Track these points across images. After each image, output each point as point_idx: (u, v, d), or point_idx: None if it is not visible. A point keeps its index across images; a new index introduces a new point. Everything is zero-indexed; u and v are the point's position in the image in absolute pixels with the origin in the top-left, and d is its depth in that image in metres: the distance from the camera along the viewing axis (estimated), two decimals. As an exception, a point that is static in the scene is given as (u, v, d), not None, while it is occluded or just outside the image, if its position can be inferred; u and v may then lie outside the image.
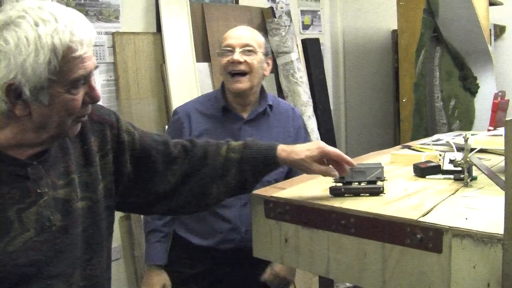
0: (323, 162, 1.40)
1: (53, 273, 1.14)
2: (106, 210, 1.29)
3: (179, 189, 1.42)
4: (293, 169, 1.47)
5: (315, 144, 1.41)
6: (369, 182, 1.38)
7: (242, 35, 2.00)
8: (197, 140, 1.50)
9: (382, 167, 1.41)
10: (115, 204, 1.35)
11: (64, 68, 1.07)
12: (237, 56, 1.94)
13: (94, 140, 1.27)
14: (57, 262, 1.15)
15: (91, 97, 1.15)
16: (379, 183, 1.38)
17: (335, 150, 1.39)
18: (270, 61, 2.08)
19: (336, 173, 1.38)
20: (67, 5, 2.82)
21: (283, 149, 1.42)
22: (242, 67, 1.95)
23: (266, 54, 2.04)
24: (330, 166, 1.39)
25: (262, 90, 2.10)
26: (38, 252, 1.12)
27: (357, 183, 1.38)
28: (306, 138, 2.15)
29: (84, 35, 1.09)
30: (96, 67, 1.15)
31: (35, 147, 1.15)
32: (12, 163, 1.12)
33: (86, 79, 1.12)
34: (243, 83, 1.96)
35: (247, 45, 1.97)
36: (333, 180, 1.41)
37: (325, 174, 1.40)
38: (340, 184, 1.39)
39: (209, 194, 1.43)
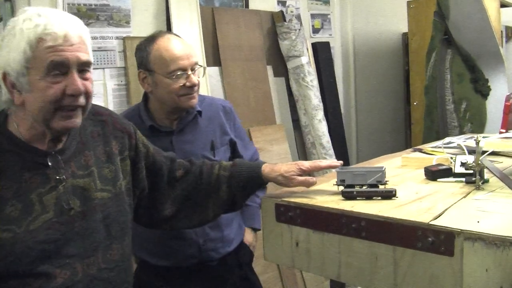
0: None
1: (72, 252, 1.27)
2: (129, 206, 1.45)
3: (180, 207, 1.60)
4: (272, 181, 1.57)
5: (294, 162, 1.54)
6: (370, 186, 1.39)
7: (188, 53, 1.86)
8: (195, 160, 1.66)
9: (383, 170, 1.41)
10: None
11: (37, 56, 1.20)
12: (195, 79, 1.84)
13: (115, 143, 1.45)
14: (76, 243, 1.29)
15: (72, 89, 1.24)
16: (387, 186, 1.38)
17: (311, 162, 1.52)
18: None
19: (315, 179, 1.49)
20: (79, 10, 2.85)
21: (267, 165, 1.57)
22: (196, 88, 1.85)
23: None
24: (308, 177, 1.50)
25: None
26: (57, 232, 1.26)
27: (358, 186, 1.39)
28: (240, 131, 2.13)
29: (58, 29, 1.21)
30: (84, 62, 1.26)
31: (52, 142, 1.31)
32: (34, 152, 1.28)
33: (61, 68, 1.22)
34: (195, 99, 1.89)
35: (195, 63, 1.87)
36: (334, 183, 1.42)
37: (304, 184, 1.49)
38: (345, 188, 1.40)
39: (207, 208, 1.61)
